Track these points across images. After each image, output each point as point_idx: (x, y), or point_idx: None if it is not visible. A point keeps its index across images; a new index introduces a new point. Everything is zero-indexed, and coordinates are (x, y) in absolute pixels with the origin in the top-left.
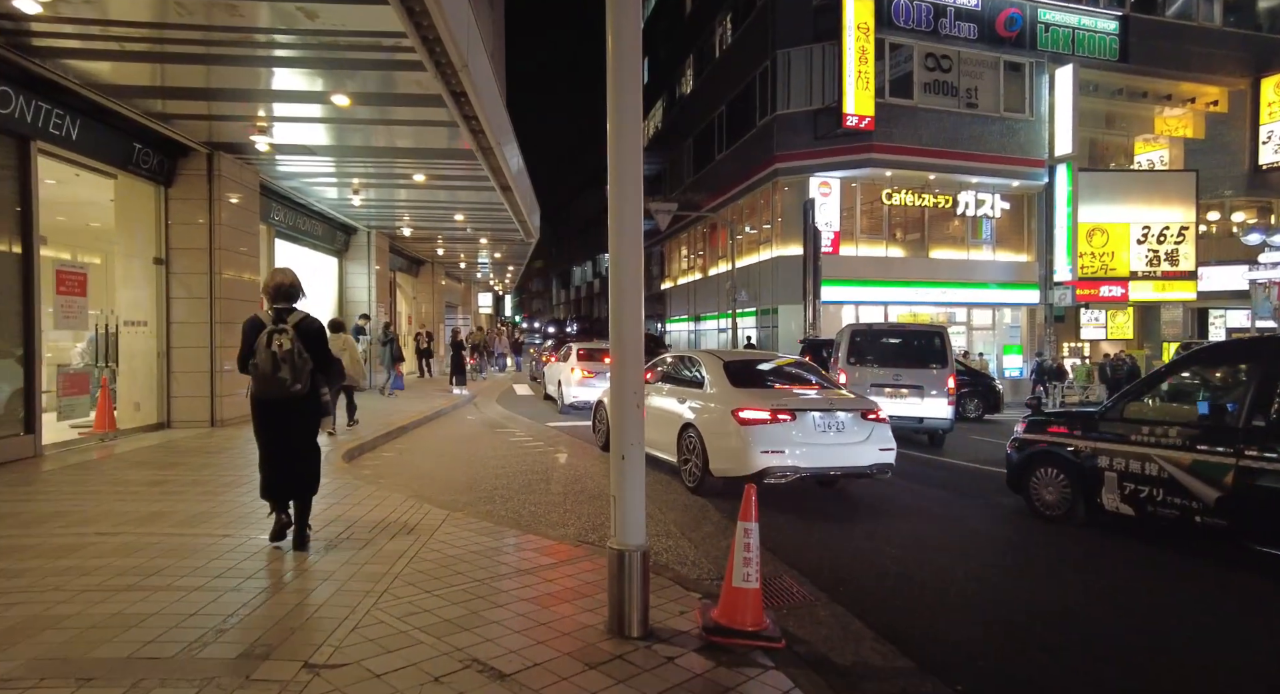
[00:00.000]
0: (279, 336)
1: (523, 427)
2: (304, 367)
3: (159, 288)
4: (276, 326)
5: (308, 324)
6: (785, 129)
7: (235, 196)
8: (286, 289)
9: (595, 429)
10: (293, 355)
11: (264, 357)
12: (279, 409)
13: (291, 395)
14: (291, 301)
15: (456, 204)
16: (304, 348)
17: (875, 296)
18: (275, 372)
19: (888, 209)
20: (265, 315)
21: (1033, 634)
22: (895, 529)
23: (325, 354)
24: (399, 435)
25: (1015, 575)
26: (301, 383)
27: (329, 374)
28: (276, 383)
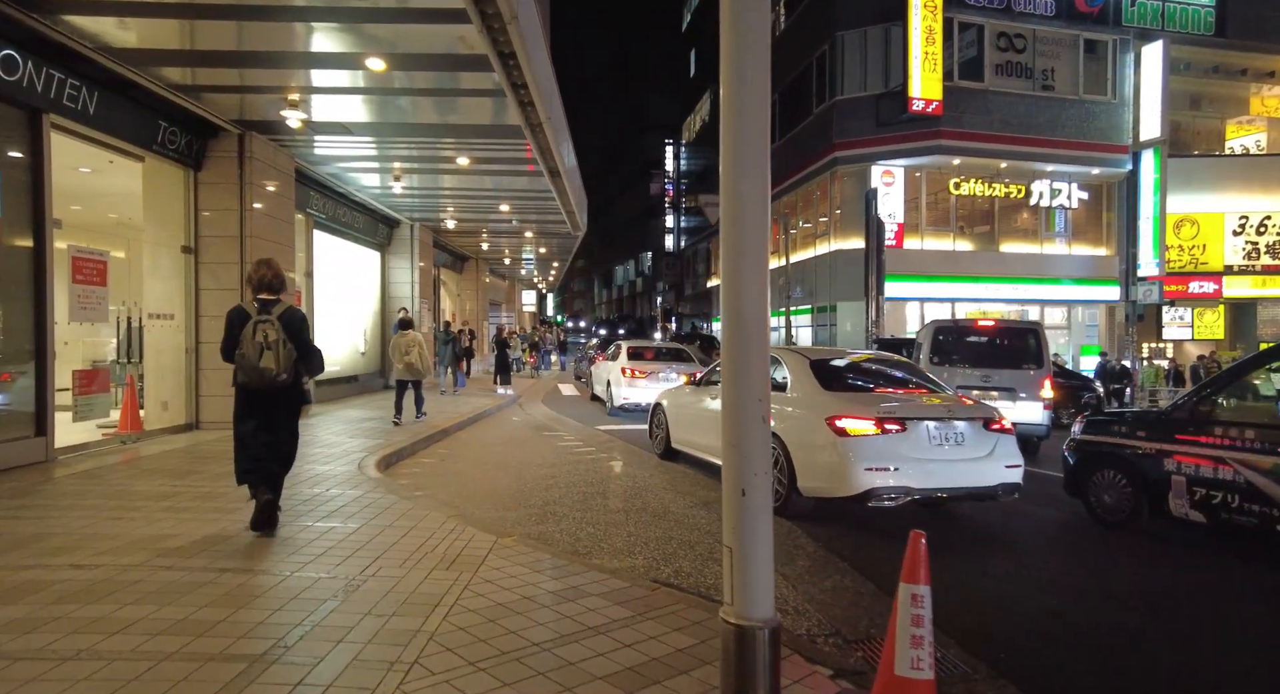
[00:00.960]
0: (264, 327)
1: (571, 430)
2: (289, 357)
3: (187, 278)
4: (261, 317)
5: (291, 315)
6: (845, 115)
7: (268, 181)
8: (270, 280)
9: (652, 434)
10: (278, 346)
11: (250, 347)
12: (264, 397)
13: (277, 384)
14: (275, 293)
15: (502, 193)
16: (288, 338)
17: (941, 293)
18: (260, 361)
19: (955, 200)
20: (250, 306)
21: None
22: (1029, 565)
23: (307, 344)
24: (440, 439)
25: (1220, 630)
26: (287, 373)
27: (310, 363)
28: (262, 373)
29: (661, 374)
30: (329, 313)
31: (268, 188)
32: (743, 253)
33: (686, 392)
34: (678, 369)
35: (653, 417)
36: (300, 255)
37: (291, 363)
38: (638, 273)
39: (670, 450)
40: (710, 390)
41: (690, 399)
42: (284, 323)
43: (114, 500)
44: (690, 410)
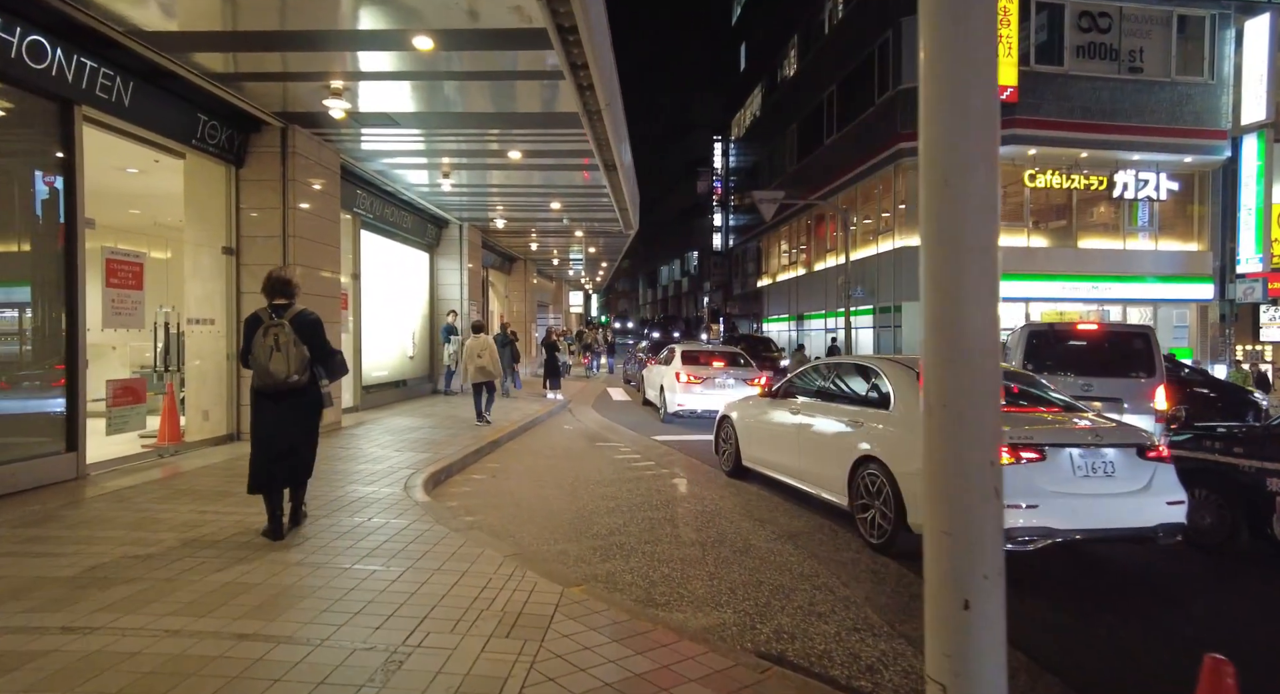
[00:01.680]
0: (274, 330)
1: (625, 439)
2: (299, 358)
3: (229, 281)
4: (272, 321)
5: (303, 317)
6: (910, 105)
7: (313, 178)
8: (280, 285)
9: (718, 449)
10: (287, 347)
11: (260, 349)
12: (277, 400)
13: (288, 386)
14: (288, 297)
15: (554, 190)
16: (299, 340)
17: (1014, 292)
18: (269, 363)
19: (1029, 193)
20: (264, 311)
21: None
22: (1150, 612)
23: (322, 346)
24: (491, 451)
25: None
26: (298, 374)
27: (329, 366)
28: (271, 374)
29: (718, 380)
30: (376, 316)
31: (312, 185)
32: (963, 248)
33: (761, 404)
34: (735, 375)
35: (719, 430)
36: (347, 256)
37: (303, 364)
38: (683, 272)
39: (740, 468)
40: (790, 404)
41: (765, 413)
42: (294, 325)
43: (134, 531)
44: (766, 426)
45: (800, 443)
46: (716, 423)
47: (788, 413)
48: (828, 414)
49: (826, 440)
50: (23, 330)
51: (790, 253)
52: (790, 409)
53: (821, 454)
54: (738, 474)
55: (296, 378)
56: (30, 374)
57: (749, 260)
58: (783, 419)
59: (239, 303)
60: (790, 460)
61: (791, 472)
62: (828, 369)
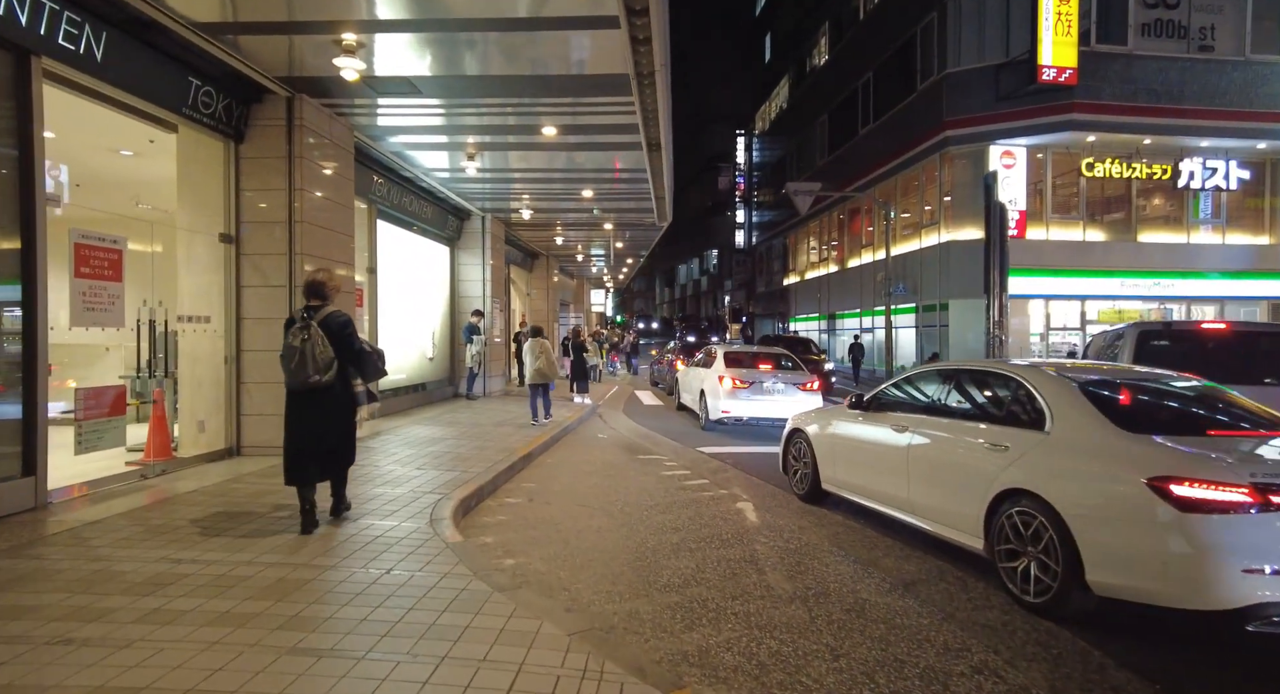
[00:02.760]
0: (302, 331)
1: (668, 451)
2: (323, 359)
3: (227, 273)
4: (303, 321)
5: (330, 318)
6: (957, 90)
7: (323, 156)
8: (315, 287)
9: (787, 467)
10: (311, 348)
11: (287, 350)
12: (306, 398)
13: (312, 385)
14: (321, 299)
15: (587, 175)
16: (326, 341)
17: (1069, 289)
18: (292, 363)
19: (1085, 183)
20: (298, 313)
21: None
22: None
23: (350, 347)
24: (524, 467)
25: None
26: (320, 374)
27: (360, 366)
28: (296, 374)
29: (766, 384)
30: (394, 314)
31: (323, 164)
32: None
33: (847, 417)
34: (785, 379)
35: (789, 445)
36: (362, 249)
37: (327, 365)
38: (702, 271)
39: (817, 491)
40: (890, 418)
41: (855, 428)
42: (323, 326)
43: (76, 596)
44: (857, 444)
45: (909, 468)
46: (784, 438)
47: (888, 430)
48: (950, 433)
49: (949, 467)
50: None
51: (820, 250)
52: (892, 425)
53: (942, 484)
54: (813, 498)
55: (318, 378)
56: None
57: (774, 258)
58: (882, 438)
59: (239, 298)
60: (894, 488)
61: (895, 502)
62: (940, 377)
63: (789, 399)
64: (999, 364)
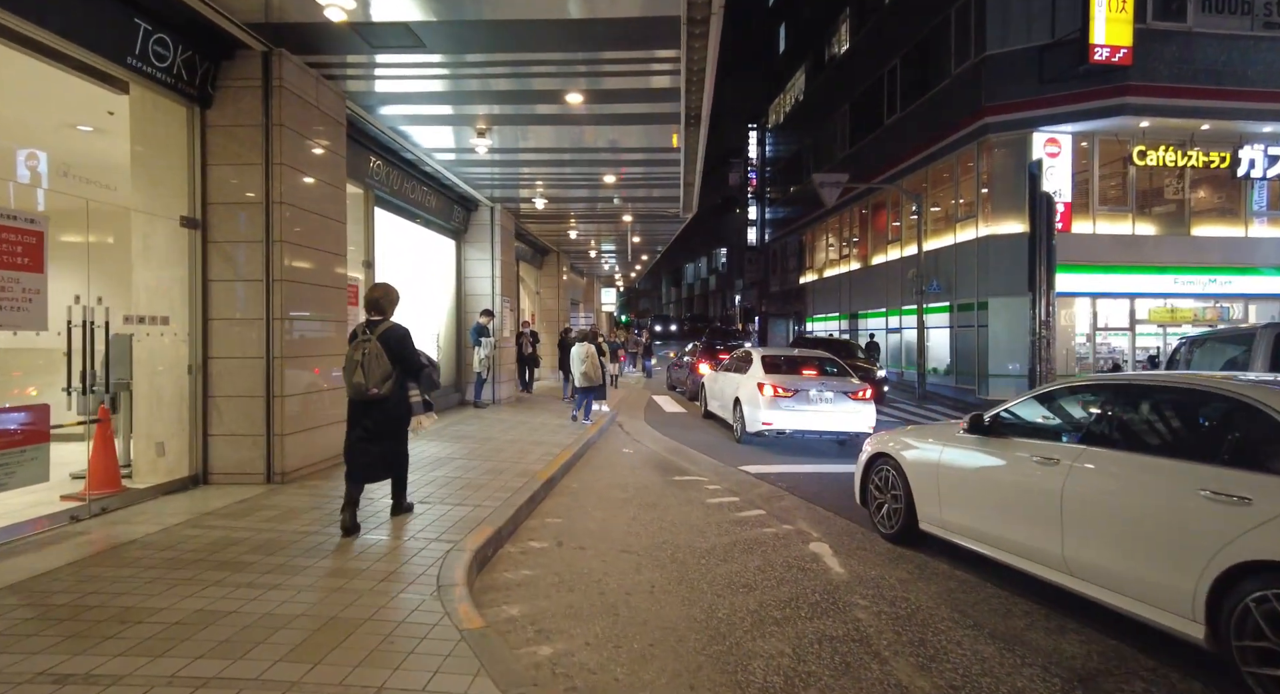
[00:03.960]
0: (364, 345)
1: (707, 470)
2: (380, 372)
3: (192, 264)
4: (364, 336)
5: (390, 332)
6: (997, 74)
7: (309, 127)
8: (375, 301)
9: (868, 500)
10: (369, 361)
11: (349, 362)
12: (364, 408)
13: (369, 397)
14: (381, 313)
15: (613, 155)
16: (383, 355)
17: (1117, 286)
18: (353, 376)
19: (1135, 173)
20: (360, 327)
21: None
22: None
23: (408, 359)
24: (545, 495)
25: None
26: (378, 387)
27: (416, 378)
28: (355, 386)
29: (812, 392)
30: (394, 314)
31: (308, 136)
32: None
33: (959, 442)
34: (833, 386)
35: (870, 472)
36: (358, 240)
37: (384, 377)
38: (710, 270)
39: (911, 531)
40: (1028, 446)
41: (973, 456)
42: (381, 340)
43: None
44: (975, 477)
45: (1066, 515)
46: (863, 463)
47: (1030, 462)
48: (1138, 473)
49: (1141, 519)
50: None
51: (839, 246)
52: (1035, 456)
53: (1126, 541)
54: (906, 539)
55: (376, 390)
56: None
57: (789, 255)
58: (1019, 472)
59: (205, 295)
60: (1038, 539)
61: (1040, 556)
62: (1113, 395)
63: (838, 409)
64: (1215, 380)
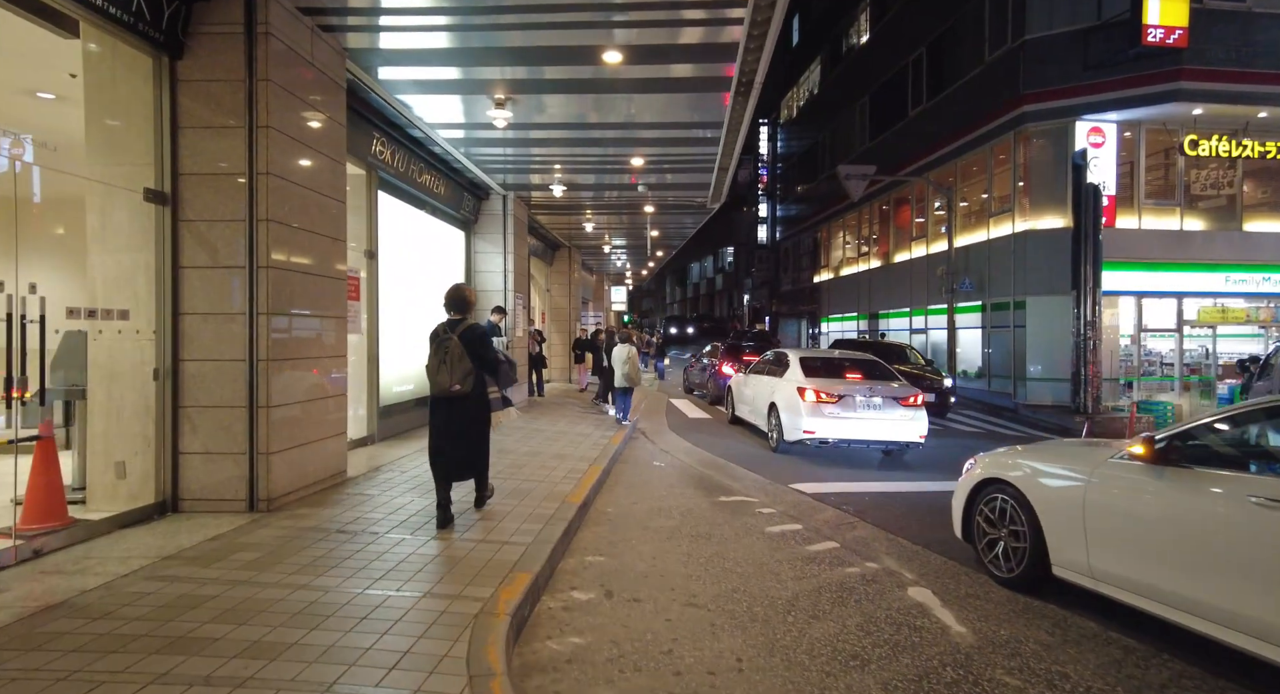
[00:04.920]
0: (446, 342)
1: (754, 488)
2: (461, 370)
3: (159, 247)
4: (445, 334)
5: (470, 331)
6: (1038, 59)
7: (300, 82)
8: (456, 300)
9: (974, 533)
10: (452, 358)
11: (431, 360)
12: (448, 404)
13: (453, 394)
14: (462, 312)
15: (644, 133)
16: (465, 352)
17: (1164, 284)
18: (437, 374)
19: (1183, 164)
20: (442, 326)
21: None
22: None
23: (485, 358)
24: (580, 526)
25: None
26: (460, 384)
27: (495, 374)
28: (438, 383)
29: (859, 398)
30: (399, 310)
31: (300, 95)
32: None
33: (1114, 468)
34: (882, 392)
35: (977, 500)
36: (360, 226)
37: (465, 375)
38: (716, 269)
39: (1038, 574)
40: (1232, 481)
41: (1137, 488)
42: (463, 338)
43: None
44: (1146, 515)
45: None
46: (969, 489)
47: (1247, 502)
48: None
49: None
50: None
51: (857, 244)
52: (1255, 495)
53: None
54: (1029, 585)
55: (458, 388)
56: None
57: (802, 254)
58: (1233, 517)
59: (176, 285)
60: (1262, 608)
61: (1253, 626)
62: None
63: (887, 417)
64: None
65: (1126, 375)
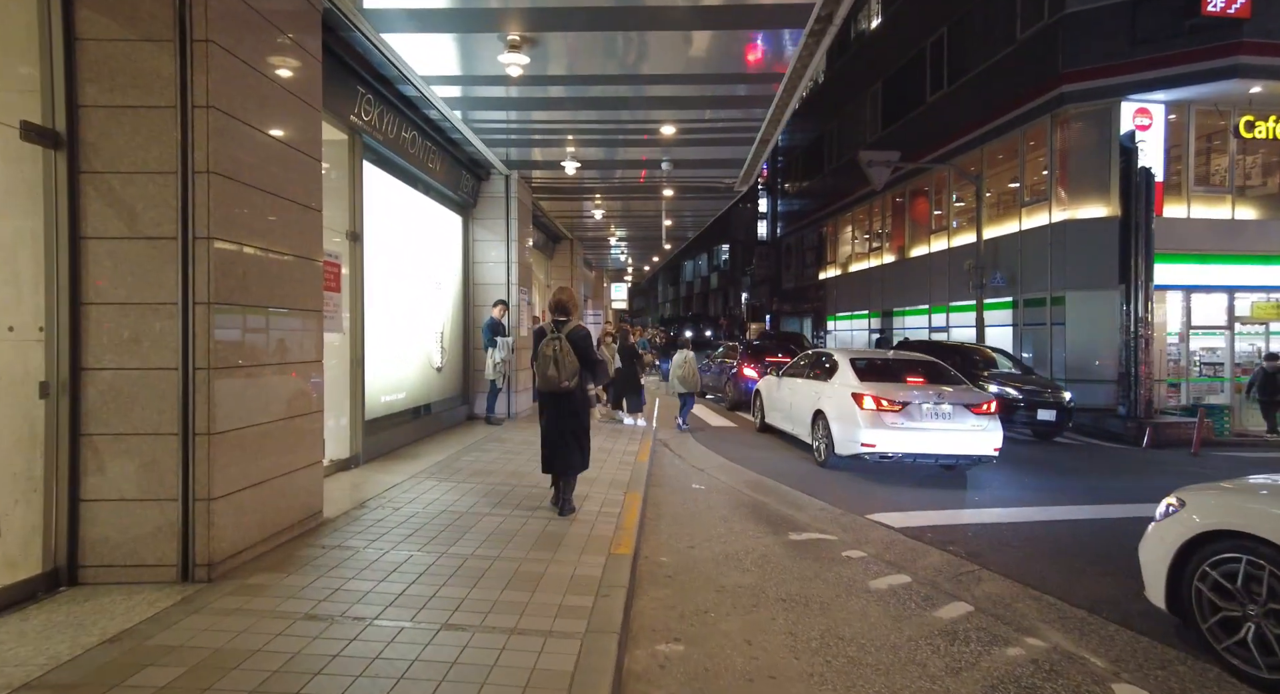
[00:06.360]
0: (555, 342)
1: (825, 521)
2: (570, 368)
3: (49, 209)
4: (554, 335)
5: (575, 333)
6: (1078, 34)
7: None
8: (562, 304)
9: (1197, 608)
10: (561, 357)
11: (542, 359)
12: (554, 399)
13: (561, 390)
14: (566, 315)
15: (681, 89)
16: (572, 352)
17: (1214, 278)
18: (547, 370)
19: (1235, 148)
20: (548, 326)
21: None
22: None
23: (589, 357)
24: (637, 590)
25: None
26: (568, 380)
27: (594, 372)
28: (549, 380)
29: (926, 405)
30: (387, 303)
31: (256, 5)
32: None
33: None
34: (951, 398)
35: (1192, 559)
36: (341, 202)
37: (573, 373)
38: (711, 267)
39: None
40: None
41: None
42: (570, 339)
43: None
44: None
45: None
46: (1177, 545)
47: None
48: None
49: None
50: None
51: (869, 239)
52: None
53: None
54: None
55: (567, 384)
56: None
57: (806, 250)
58: None
59: (76, 263)
60: None
61: None
62: None
63: (957, 428)
64: None
65: (1174, 376)
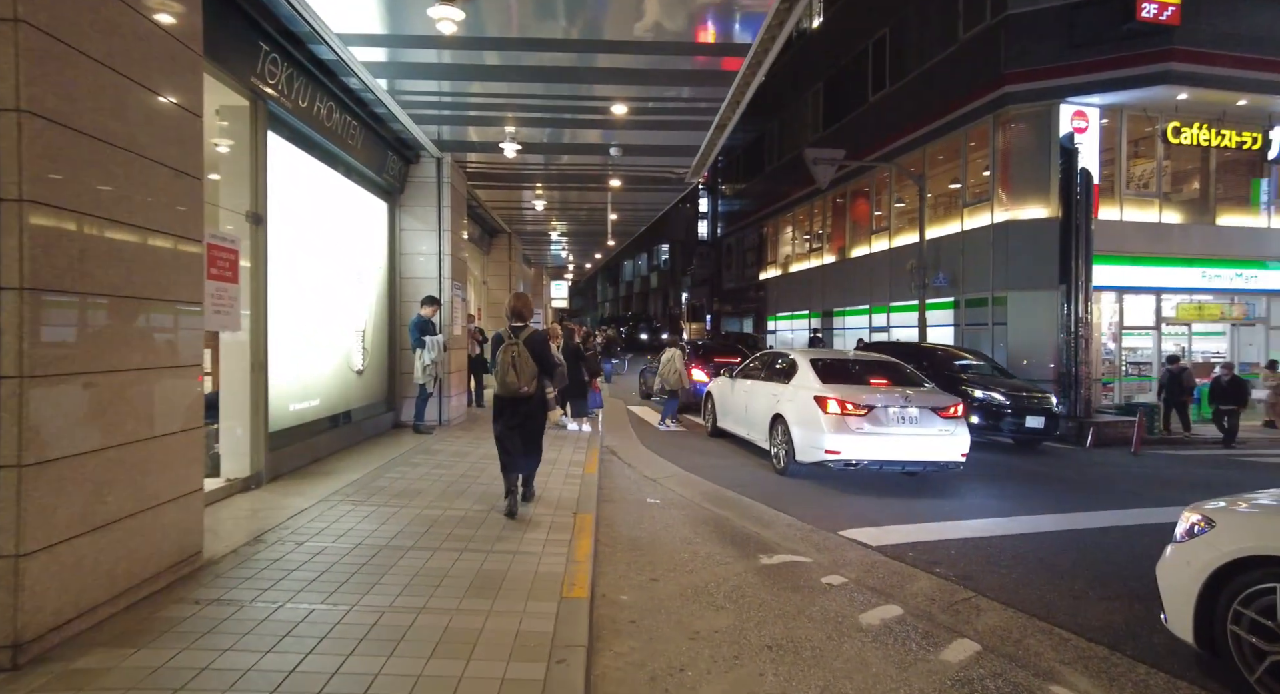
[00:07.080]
0: (512, 347)
1: (796, 540)
2: (530, 371)
3: None
4: (511, 340)
5: (533, 337)
6: (1021, 35)
7: None
8: (518, 310)
9: (1234, 647)
10: (520, 362)
11: (501, 365)
12: (512, 404)
13: (520, 395)
14: (523, 320)
15: (638, 59)
16: (530, 357)
17: (1145, 279)
18: (506, 375)
19: (1163, 152)
20: (505, 332)
21: None
22: None
23: (545, 361)
24: (597, 639)
25: None
26: (528, 385)
27: (551, 375)
28: (509, 385)
29: (892, 409)
30: (298, 298)
31: None
32: None
33: None
34: (917, 401)
35: (1223, 592)
36: (240, 178)
37: (531, 377)
38: (651, 267)
39: None
40: None
41: None
42: (527, 344)
43: None
44: None
45: None
46: (1205, 573)
47: None
48: None
49: None
50: None
51: (808, 240)
52: None
53: None
54: None
55: (526, 389)
56: None
57: (746, 250)
58: None
59: None
60: None
61: None
62: None
63: (924, 432)
64: None
65: (1107, 375)
